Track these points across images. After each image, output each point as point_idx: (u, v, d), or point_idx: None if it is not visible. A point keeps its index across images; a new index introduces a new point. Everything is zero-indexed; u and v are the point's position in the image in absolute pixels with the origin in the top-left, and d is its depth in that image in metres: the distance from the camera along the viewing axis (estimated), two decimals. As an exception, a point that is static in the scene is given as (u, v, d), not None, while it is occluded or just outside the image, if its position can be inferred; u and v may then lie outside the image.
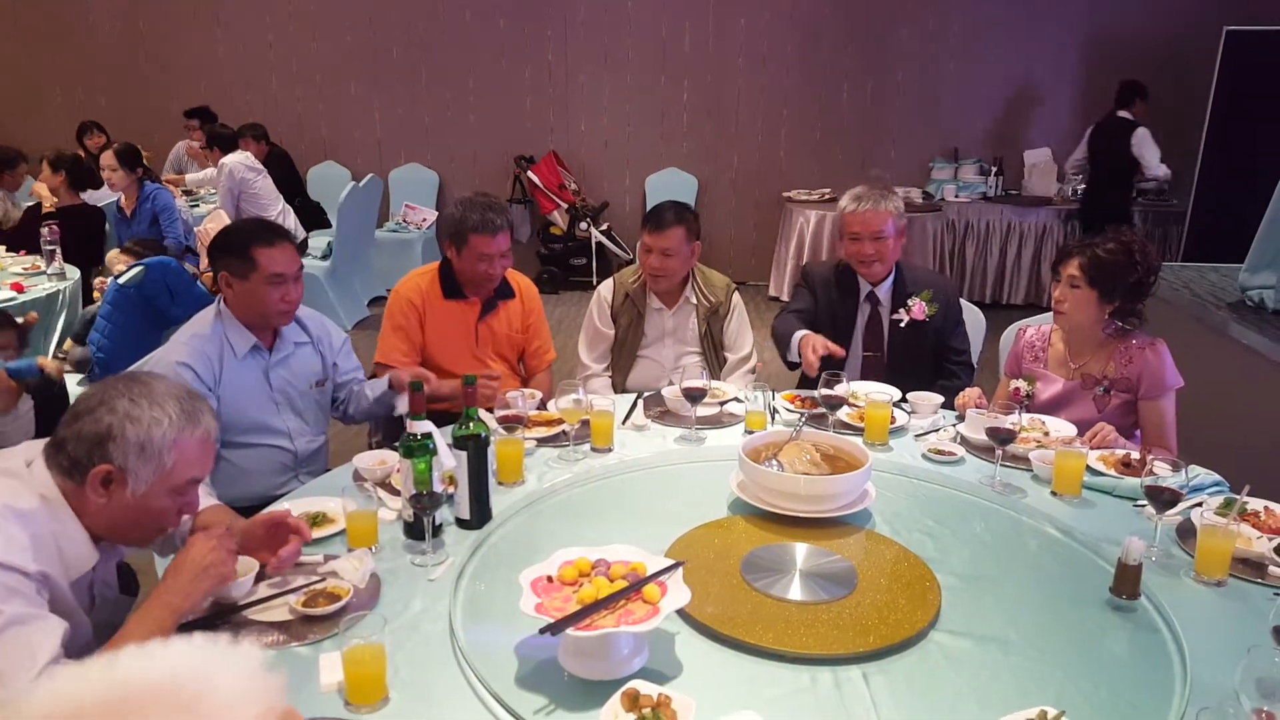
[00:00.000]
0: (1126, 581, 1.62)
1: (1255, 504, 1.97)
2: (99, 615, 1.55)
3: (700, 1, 7.23)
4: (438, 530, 1.77)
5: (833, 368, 2.42)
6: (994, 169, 7.26)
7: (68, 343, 3.68)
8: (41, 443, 1.47)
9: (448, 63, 7.42)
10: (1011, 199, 7.11)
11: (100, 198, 5.02)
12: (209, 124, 6.31)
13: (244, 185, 5.48)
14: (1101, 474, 2.12)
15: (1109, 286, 2.43)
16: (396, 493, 1.92)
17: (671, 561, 1.48)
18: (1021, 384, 2.53)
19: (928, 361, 2.91)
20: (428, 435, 1.76)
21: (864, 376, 2.85)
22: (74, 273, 4.10)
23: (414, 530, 1.78)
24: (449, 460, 1.80)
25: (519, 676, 1.37)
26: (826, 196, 7.11)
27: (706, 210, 7.22)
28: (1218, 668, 1.39)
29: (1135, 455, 2.15)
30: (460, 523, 1.85)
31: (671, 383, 2.52)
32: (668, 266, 2.88)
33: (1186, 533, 1.86)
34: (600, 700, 1.26)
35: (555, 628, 1.26)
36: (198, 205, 6.12)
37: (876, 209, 2.78)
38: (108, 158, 4.74)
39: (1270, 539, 1.82)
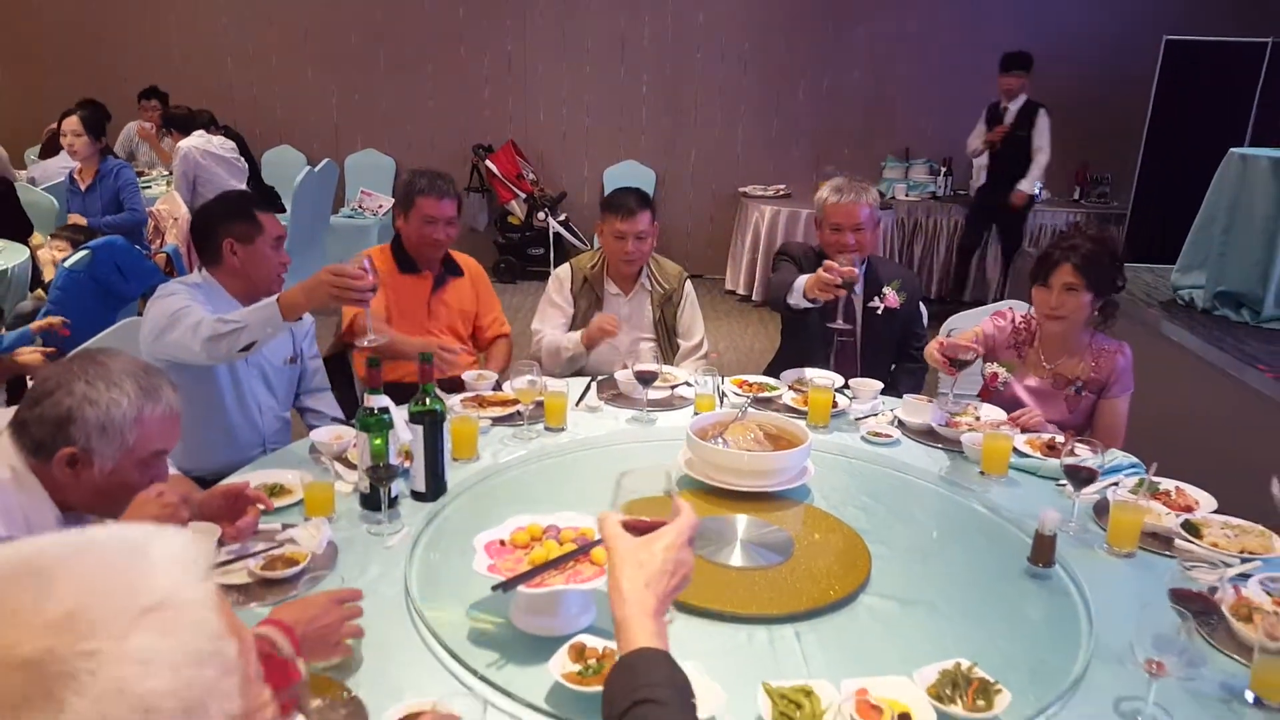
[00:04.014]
0: (1042, 551, 1.74)
1: (1167, 484, 2.11)
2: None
3: (658, -2, 7.32)
4: (394, 502, 1.84)
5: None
6: (943, 169, 7.46)
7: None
8: (7, 413, 1.51)
9: (406, 49, 7.40)
10: (960, 198, 7.30)
11: (51, 172, 4.93)
12: (166, 107, 6.23)
13: (199, 170, 5.43)
14: (1027, 455, 2.25)
15: (1103, 285, 2.49)
16: (353, 467, 1.97)
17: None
18: (1001, 370, 2.54)
19: (892, 346, 3.07)
20: (385, 410, 1.82)
21: (839, 360, 2.96)
22: (21, 252, 4.05)
23: (370, 501, 1.84)
24: (405, 434, 1.86)
25: (472, 635, 1.45)
26: (781, 193, 7.24)
27: (664, 203, 7.30)
28: (1120, 627, 1.51)
29: (1060, 439, 2.28)
30: (415, 495, 1.91)
31: (626, 366, 2.60)
32: (642, 249, 2.99)
33: (1102, 510, 1.98)
34: (548, 654, 1.34)
35: (507, 585, 1.33)
36: (149, 187, 6.04)
37: (857, 200, 2.89)
38: (71, 123, 4.61)
39: (1178, 515, 1.95)
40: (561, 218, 7.19)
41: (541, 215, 7.10)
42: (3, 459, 1.44)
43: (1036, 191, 6.55)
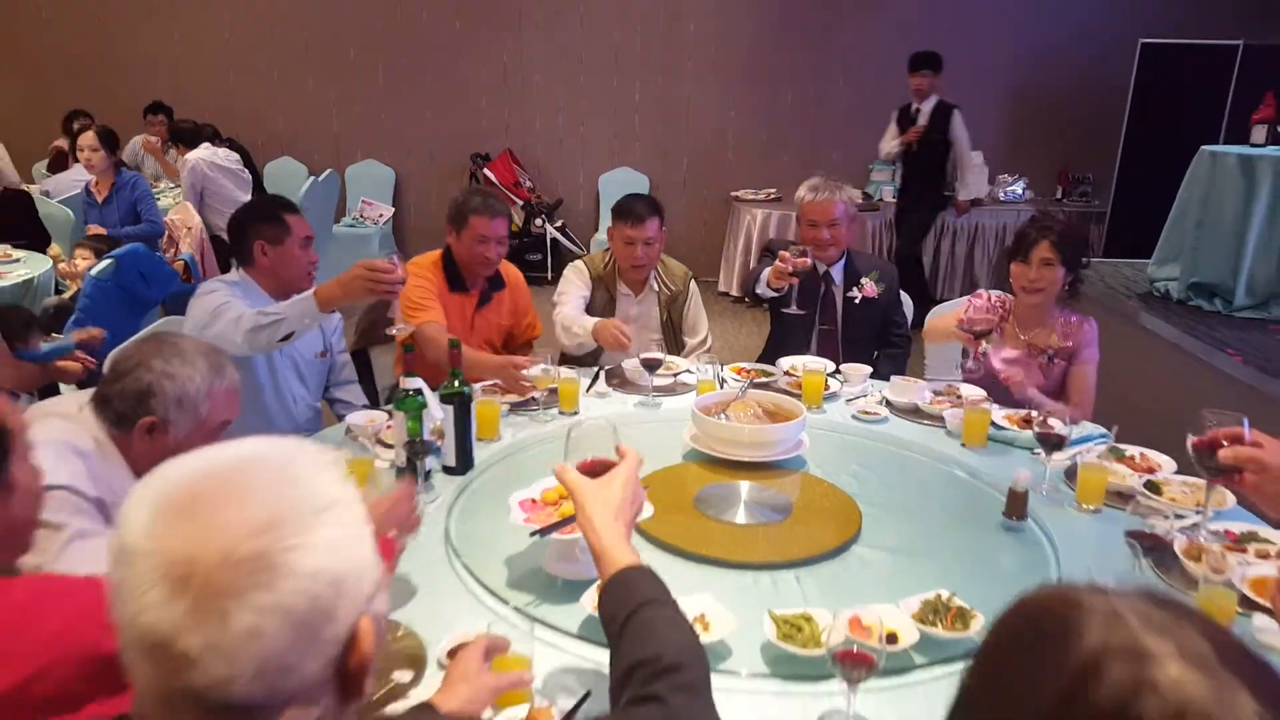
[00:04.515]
0: (1016, 505, 1.93)
1: (1132, 449, 2.31)
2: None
3: (651, 7, 7.52)
4: (428, 475, 2.02)
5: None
6: (929, 171, 7.67)
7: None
8: (86, 392, 1.68)
9: (405, 61, 7.59)
10: (944, 199, 7.50)
11: (65, 185, 5.11)
12: (172, 121, 6.41)
13: (206, 182, 5.61)
14: (1005, 429, 2.44)
15: (1074, 261, 2.72)
16: (389, 446, 2.15)
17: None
18: (983, 343, 2.73)
19: (873, 333, 3.25)
20: (419, 391, 2.00)
21: (820, 347, 3.17)
22: (44, 261, 4.22)
23: (406, 475, 2.02)
24: (437, 413, 2.05)
25: (510, 580, 1.64)
26: (772, 196, 7.44)
27: (657, 208, 7.49)
28: (1085, 569, 1.70)
29: (1036, 414, 2.47)
30: (446, 469, 2.09)
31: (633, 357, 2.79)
32: (651, 255, 3.11)
33: (1073, 474, 2.17)
34: (578, 594, 1.52)
35: (544, 531, 1.51)
36: (159, 199, 6.21)
37: (831, 198, 3.09)
38: (88, 138, 4.82)
39: (1141, 476, 2.15)
40: (558, 224, 7.39)
41: (539, 222, 7.29)
42: (87, 431, 1.61)
43: (982, 195, 6.58)
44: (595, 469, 1.29)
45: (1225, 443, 1.50)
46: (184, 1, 7.44)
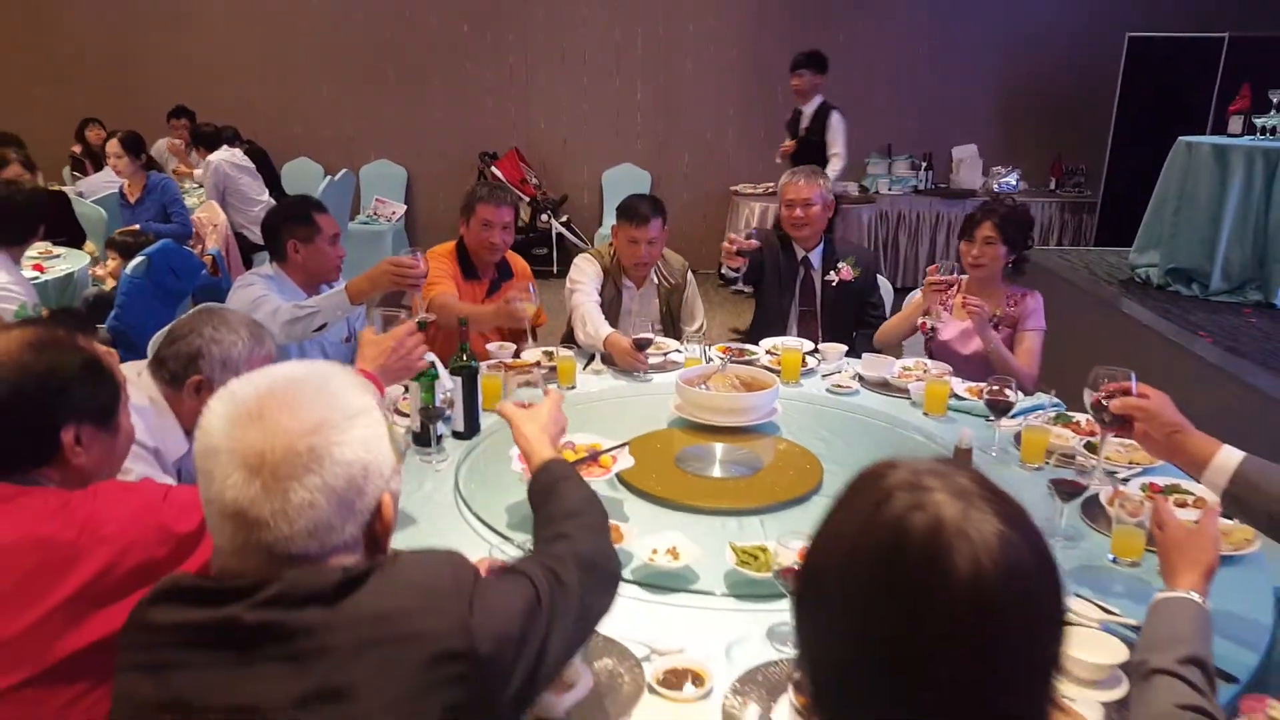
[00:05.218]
0: (960, 460, 2.17)
1: (1079, 417, 2.54)
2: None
3: (651, 8, 7.76)
4: (439, 439, 2.27)
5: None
6: (924, 164, 7.88)
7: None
8: (142, 361, 1.94)
9: (414, 64, 7.86)
10: (940, 191, 7.69)
11: (96, 186, 5.40)
12: (194, 124, 6.70)
13: (228, 181, 5.89)
14: (965, 399, 2.68)
15: (1015, 239, 3.00)
16: (405, 415, 2.40)
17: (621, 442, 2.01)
18: (928, 320, 2.97)
19: (852, 315, 3.49)
20: (432, 365, 2.25)
21: (800, 328, 3.41)
22: (83, 256, 4.50)
23: (421, 439, 2.26)
24: (448, 383, 2.30)
25: (510, 522, 1.89)
26: (770, 190, 7.65)
27: (660, 203, 7.74)
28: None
29: (994, 387, 2.70)
30: (456, 434, 2.34)
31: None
32: (653, 253, 3.32)
33: (1020, 438, 2.40)
34: (569, 532, 1.77)
35: (537, 478, 1.76)
36: (186, 198, 6.50)
37: (808, 182, 3.37)
38: (113, 145, 5.13)
39: (1082, 439, 2.38)
40: (563, 219, 7.64)
41: (545, 217, 7.54)
42: (144, 391, 1.87)
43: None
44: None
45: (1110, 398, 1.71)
46: (206, 11, 7.74)
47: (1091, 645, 1.47)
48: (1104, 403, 1.71)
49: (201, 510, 1.13)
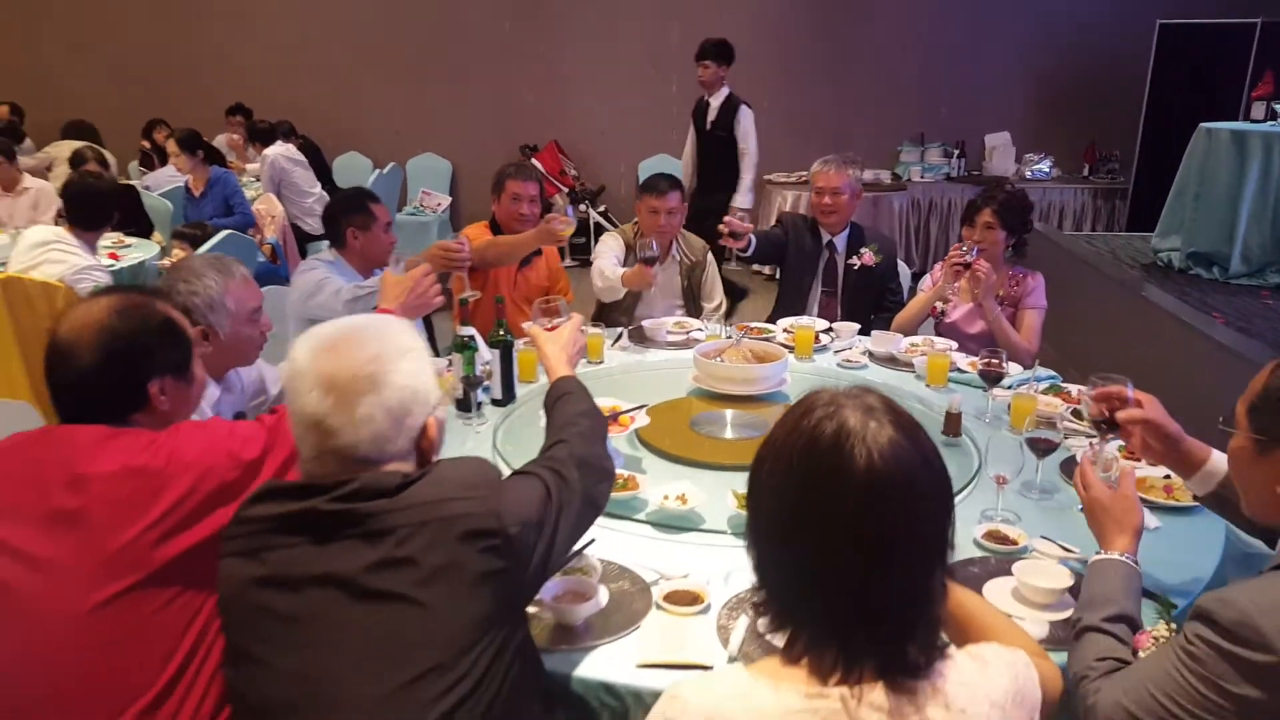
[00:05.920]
0: (951, 424, 2.38)
1: (1072, 388, 2.72)
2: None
3: (685, 5, 7.96)
4: (479, 405, 2.53)
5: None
6: (956, 151, 7.99)
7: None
8: None
9: (457, 61, 8.17)
10: (972, 179, 7.79)
11: (161, 181, 5.77)
12: (250, 121, 7.07)
13: (283, 175, 6.23)
14: (965, 372, 2.87)
15: (1014, 224, 3.19)
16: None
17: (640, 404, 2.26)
18: (939, 304, 3.29)
19: (872, 299, 3.69)
20: (472, 338, 2.51)
21: (821, 309, 3.62)
22: (152, 246, 4.86)
23: (463, 405, 2.52)
24: (487, 354, 2.56)
25: (540, 473, 2.14)
26: (803, 179, 7.82)
27: (694, 192, 7.96)
28: (999, 470, 2.13)
29: (993, 361, 2.90)
30: (494, 402, 2.60)
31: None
32: (673, 224, 3.61)
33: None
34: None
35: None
36: (245, 190, 6.87)
37: (839, 171, 3.57)
38: (172, 145, 5.54)
39: (1069, 407, 2.57)
40: (601, 209, 7.89)
41: (583, 207, 7.80)
42: None
43: (747, 205, 5.51)
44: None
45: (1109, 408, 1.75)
46: (260, 12, 8.12)
47: (1045, 575, 1.69)
48: (1106, 413, 1.76)
49: (262, 440, 1.43)
